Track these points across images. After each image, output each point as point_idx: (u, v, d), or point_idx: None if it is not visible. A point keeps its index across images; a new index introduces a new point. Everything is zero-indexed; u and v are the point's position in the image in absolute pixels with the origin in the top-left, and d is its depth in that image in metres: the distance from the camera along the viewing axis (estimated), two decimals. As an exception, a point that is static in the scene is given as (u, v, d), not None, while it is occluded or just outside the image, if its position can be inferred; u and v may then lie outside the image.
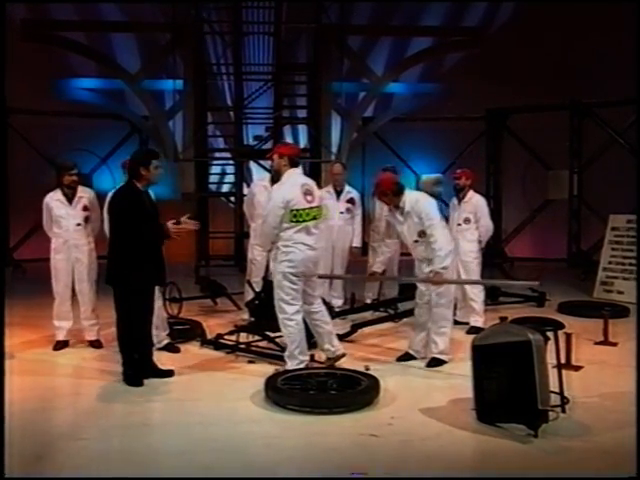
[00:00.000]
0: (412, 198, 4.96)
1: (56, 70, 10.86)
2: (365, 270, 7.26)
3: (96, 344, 5.52)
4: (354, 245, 6.99)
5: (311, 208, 4.72)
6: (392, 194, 4.98)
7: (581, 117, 10.31)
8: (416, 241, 4.95)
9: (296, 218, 4.65)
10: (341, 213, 6.94)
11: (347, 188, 7.05)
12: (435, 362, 5.00)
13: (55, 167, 5.62)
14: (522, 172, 10.97)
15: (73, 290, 5.55)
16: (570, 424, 3.83)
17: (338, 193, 6.98)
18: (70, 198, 5.51)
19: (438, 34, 11.27)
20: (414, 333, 5.19)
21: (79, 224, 5.52)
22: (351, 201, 6.99)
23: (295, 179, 4.76)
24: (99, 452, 3.53)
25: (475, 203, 6.23)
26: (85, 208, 5.55)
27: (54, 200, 5.51)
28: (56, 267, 5.51)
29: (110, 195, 4.93)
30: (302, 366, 4.68)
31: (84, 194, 5.59)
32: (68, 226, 5.49)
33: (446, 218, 5.23)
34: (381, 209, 6.37)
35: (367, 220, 7.57)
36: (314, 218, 4.74)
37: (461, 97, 10.85)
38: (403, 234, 5.05)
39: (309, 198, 4.72)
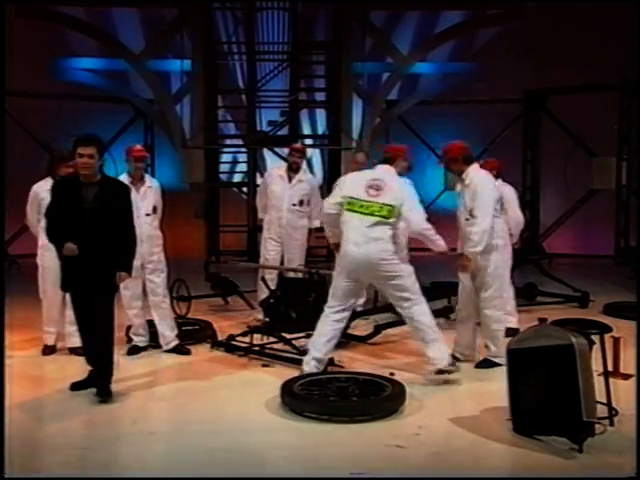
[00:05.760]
0: (476, 174, 5.05)
1: (53, 49, 10.95)
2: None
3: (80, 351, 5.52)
4: None
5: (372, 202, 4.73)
6: (462, 160, 5.07)
7: (631, 97, 10.15)
8: (467, 219, 5.04)
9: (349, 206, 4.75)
10: None
11: None
12: (488, 364, 5.01)
13: (50, 155, 5.63)
14: (563, 159, 10.85)
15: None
16: (619, 438, 3.77)
17: None
18: None
19: (470, 7, 11.16)
20: (457, 332, 5.20)
21: None
22: None
23: (365, 173, 4.98)
24: (101, 462, 3.57)
25: (501, 194, 6.15)
26: None
27: (47, 191, 5.41)
28: (45, 266, 5.42)
29: None
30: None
31: None
32: None
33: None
34: None
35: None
36: (372, 214, 4.70)
37: (495, 77, 10.75)
38: (460, 209, 5.16)
39: (372, 192, 4.74)
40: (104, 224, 4.33)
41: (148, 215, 5.45)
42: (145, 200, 5.46)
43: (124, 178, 5.45)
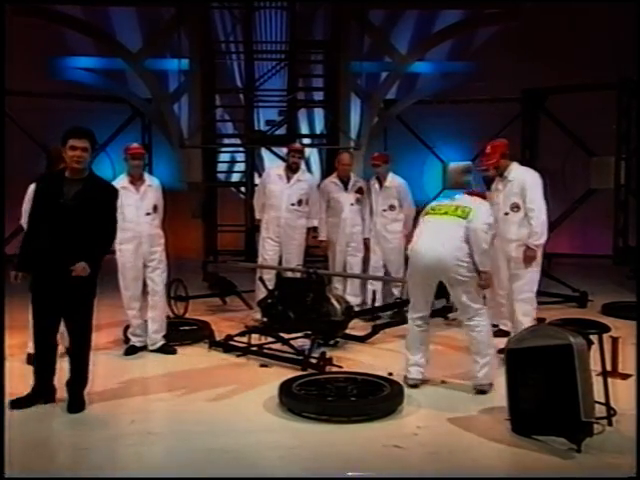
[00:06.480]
0: (521, 169, 5.39)
1: (50, 47, 10.92)
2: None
3: None
4: (366, 236, 6.95)
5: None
6: (508, 156, 5.36)
7: (630, 97, 10.15)
8: (507, 213, 5.23)
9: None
10: (351, 205, 6.88)
11: (353, 177, 7.00)
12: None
13: (48, 153, 5.61)
14: (562, 159, 10.86)
15: None
16: (617, 438, 3.78)
17: (344, 183, 6.92)
18: None
19: (469, 6, 11.14)
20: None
21: None
22: (360, 191, 6.96)
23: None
24: (100, 462, 3.58)
25: None
26: None
27: None
28: None
29: None
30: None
31: None
32: None
33: None
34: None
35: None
36: (446, 213, 4.62)
37: (494, 77, 10.74)
38: (497, 205, 5.27)
39: (446, 201, 4.75)
40: (82, 224, 4.05)
41: (148, 214, 5.45)
42: (145, 199, 5.45)
43: (123, 178, 5.46)
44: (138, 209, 5.39)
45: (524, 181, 5.23)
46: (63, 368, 4.33)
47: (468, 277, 4.50)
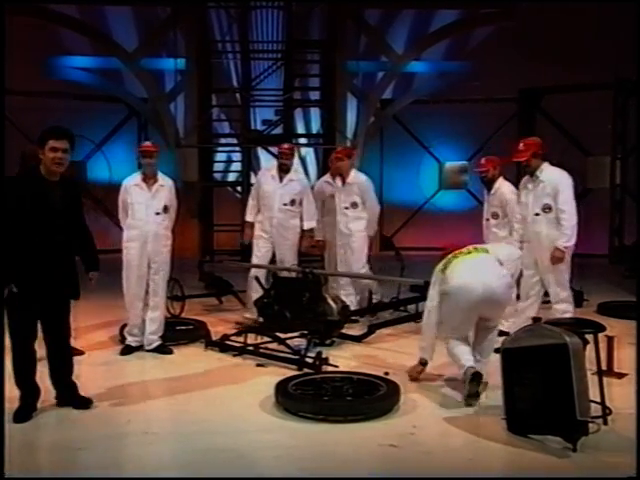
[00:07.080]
0: (554, 170, 5.35)
1: (47, 47, 10.92)
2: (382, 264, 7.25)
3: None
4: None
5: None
6: (541, 156, 5.35)
7: (626, 96, 10.18)
8: (537, 214, 5.27)
9: None
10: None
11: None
12: None
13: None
14: (558, 158, 10.84)
15: None
16: (613, 437, 3.79)
17: None
18: None
19: (466, 6, 11.19)
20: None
21: None
22: None
23: None
24: (97, 462, 3.57)
25: (500, 196, 6.07)
26: None
27: None
28: None
29: None
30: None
31: None
32: None
33: None
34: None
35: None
36: (469, 252, 4.57)
37: (490, 76, 10.78)
38: (526, 205, 5.31)
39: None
40: (68, 227, 4.05)
41: (158, 214, 5.41)
42: (156, 199, 5.42)
43: (137, 176, 5.45)
44: (148, 208, 5.37)
45: (557, 182, 5.25)
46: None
47: (510, 300, 4.62)
